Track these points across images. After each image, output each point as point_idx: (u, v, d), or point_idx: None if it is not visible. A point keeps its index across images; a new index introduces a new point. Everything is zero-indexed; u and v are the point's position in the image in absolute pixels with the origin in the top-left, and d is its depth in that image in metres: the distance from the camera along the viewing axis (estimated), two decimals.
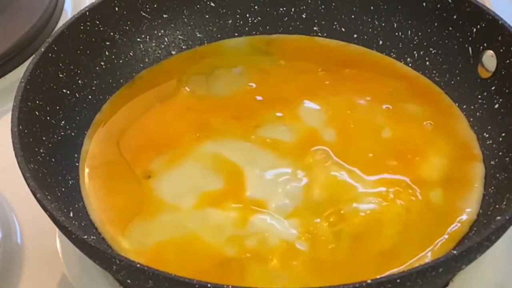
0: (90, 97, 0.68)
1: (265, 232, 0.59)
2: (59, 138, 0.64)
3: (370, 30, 0.74)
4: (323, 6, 0.75)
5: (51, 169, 0.60)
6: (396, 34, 0.72)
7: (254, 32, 0.75)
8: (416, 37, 0.72)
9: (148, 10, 0.73)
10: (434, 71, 0.70)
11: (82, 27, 0.68)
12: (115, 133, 0.67)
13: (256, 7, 0.75)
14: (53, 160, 0.61)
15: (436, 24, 0.70)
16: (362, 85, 0.70)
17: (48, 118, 0.63)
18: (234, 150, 0.65)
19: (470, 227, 0.59)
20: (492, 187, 0.62)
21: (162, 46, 0.74)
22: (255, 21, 0.75)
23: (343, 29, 0.74)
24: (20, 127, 0.59)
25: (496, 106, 0.65)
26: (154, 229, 0.59)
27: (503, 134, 0.64)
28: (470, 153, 0.65)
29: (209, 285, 0.48)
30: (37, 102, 0.63)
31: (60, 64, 0.66)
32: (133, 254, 0.58)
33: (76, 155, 0.65)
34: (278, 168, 0.63)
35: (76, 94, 0.67)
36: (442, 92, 0.69)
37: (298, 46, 0.74)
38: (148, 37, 0.73)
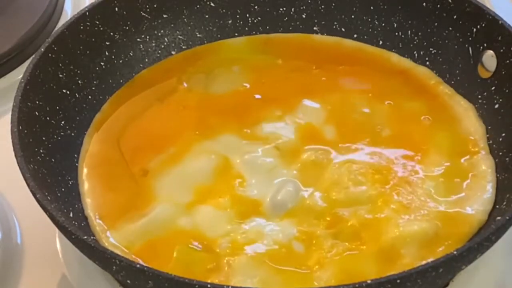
0: (90, 97, 0.68)
1: (260, 231, 0.58)
2: (59, 138, 0.64)
3: (370, 30, 0.74)
4: (323, 6, 0.75)
5: (51, 169, 0.60)
6: (396, 34, 0.72)
7: (254, 32, 0.75)
8: (416, 37, 0.72)
9: (148, 10, 0.73)
10: (434, 71, 0.70)
11: (82, 27, 0.68)
12: (115, 132, 0.67)
13: (256, 7, 0.75)
14: (53, 160, 0.61)
15: (436, 24, 0.70)
16: (359, 81, 0.70)
17: (48, 118, 0.63)
18: (232, 148, 0.64)
19: (479, 228, 0.58)
20: None
21: (162, 46, 0.74)
22: (255, 21, 0.75)
23: (343, 29, 0.74)
24: (20, 127, 0.59)
25: (496, 106, 0.65)
26: (147, 227, 0.59)
27: (503, 134, 0.64)
28: (473, 147, 0.64)
29: (209, 285, 0.48)
30: (37, 102, 0.63)
31: (60, 64, 0.66)
32: (120, 251, 0.57)
33: (76, 155, 0.65)
34: (276, 167, 0.63)
35: (76, 94, 0.67)
36: (442, 81, 0.69)
37: (295, 45, 0.74)
38: (148, 37, 0.73)
